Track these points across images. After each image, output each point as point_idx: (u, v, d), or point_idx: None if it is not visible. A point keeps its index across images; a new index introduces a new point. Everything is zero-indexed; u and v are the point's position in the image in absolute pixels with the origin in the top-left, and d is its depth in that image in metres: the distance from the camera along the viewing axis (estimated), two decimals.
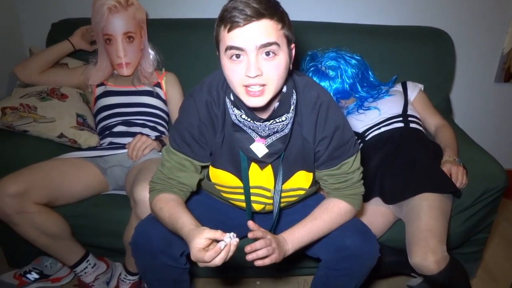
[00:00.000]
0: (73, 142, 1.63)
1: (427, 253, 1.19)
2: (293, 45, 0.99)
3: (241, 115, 1.04)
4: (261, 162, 1.12)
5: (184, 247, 1.13)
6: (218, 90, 1.07)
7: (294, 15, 1.94)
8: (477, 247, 1.61)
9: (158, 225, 1.11)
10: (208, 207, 1.25)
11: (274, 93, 0.96)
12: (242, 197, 1.18)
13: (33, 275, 1.56)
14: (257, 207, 1.20)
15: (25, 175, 1.35)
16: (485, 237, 1.59)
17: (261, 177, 1.15)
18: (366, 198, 1.40)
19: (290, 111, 1.05)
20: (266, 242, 0.99)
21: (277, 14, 0.91)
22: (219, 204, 1.28)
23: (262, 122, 1.03)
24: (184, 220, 0.99)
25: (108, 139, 1.61)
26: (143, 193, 1.28)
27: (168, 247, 1.11)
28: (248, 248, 0.97)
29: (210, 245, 0.91)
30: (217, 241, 0.90)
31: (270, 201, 1.18)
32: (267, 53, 0.91)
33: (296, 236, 1.09)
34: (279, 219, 1.25)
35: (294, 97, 1.05)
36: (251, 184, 1.15)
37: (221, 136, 1.10)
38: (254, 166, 1.13)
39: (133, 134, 1.59)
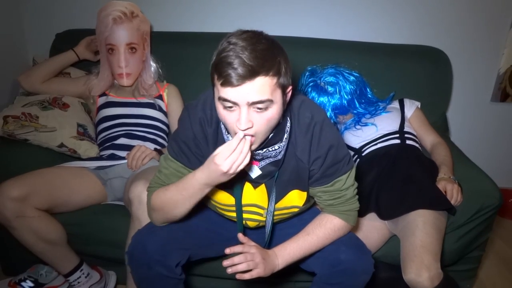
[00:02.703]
0: (72, 152, 1.64)
1: (421, 270, 1.20)
2: (289, 89, 0.97)
3: None
4: (255, 182, 1.13)
5: (180, 258, 1.14)
6: (211, 109, 1.07)
7: (295, 32, 2.00)
8: (472, 265, 1.61)
9: (154, 235, 1.12)
10: (205, 218, 1.26)
11: (262, 141, 0.99)
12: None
13: (28, 283, 1.55)
14: (251, 224, 1.21)
15: (28, 179, 1.36)
16: (479, 255, 1.60)
17: (255, 196, 1.16)
18: (362, 213, 1.41)
19: (284, 139, 1.06)
20: (246, 257, 1.00)
21: (273, 67, 0.89)
22: (216, 216, 1.29)
23: (256, 150, 1.04)
24: (187, 176, 1.03)
25: (110, 151, 1.63)
26: (137, 190, 1.29)
27: (164, 257, 1.11)
28: (225, 263, 0.99)
29: None
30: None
31: (264, 218, 1.19)
32: (259, 108, 0.91)
33: (288, 252, 1.09)
34: (274, 231, 1.26)
35: (289, 124, 1.06)
36: (245, 202, 1.16)
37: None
38: (247, 185, 1.15)
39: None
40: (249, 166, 1.08)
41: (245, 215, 1.18)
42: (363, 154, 1.63)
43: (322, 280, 1.15)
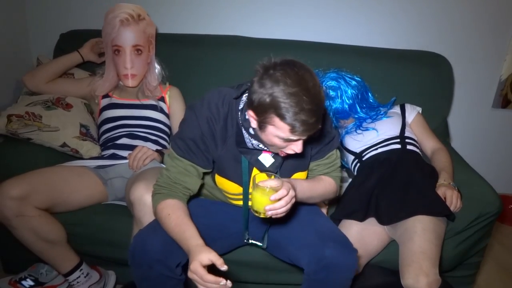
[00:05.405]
0: (75, 152, 1.65)
1: (419, 276, 1.20)
2: None
3: (258, 145, 1.15)
4: (268, 172, 1.18)
5: (180, 258, 1.15)
6: (218, 107, 1.16)
7: (297, 35, 2.01)
8: (470, 271, 1.62)
9: (156, 235, 1.14)
10: (206, 216, 1.28)
11: None
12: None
13: (28, 282, 1.56)
14: None
15: (28, 179, 1.36)
16: (478, 261, 1.60)
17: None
18: (361, 218, 1.42)
19: None
20: (287, 201, 1.05)
21: (323, 112, 1.05)
22: (218, 211, 1.32)
23: None
24: (192, 233, 1.08)
25: (111, 151, 1.63)
26: (139, 192, 1.31)
27: (165, 257, 1.13)
28: (268, 207, 1.03)
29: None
30: (214, 267, 0.99)
31: None
32: None
33: (300, 182, 1.19)
34: (271, 231, 1.30)
35: None
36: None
37: (223, 149, 1.18)
38: (262, 176, 1.19)
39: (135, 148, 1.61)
40: (262, 156, 1.19)
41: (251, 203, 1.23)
42: (363, 159, 1.63)
43: (310, 277, 1.17)
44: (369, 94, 1.81)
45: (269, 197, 1.02)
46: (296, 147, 1.06)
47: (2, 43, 1.93)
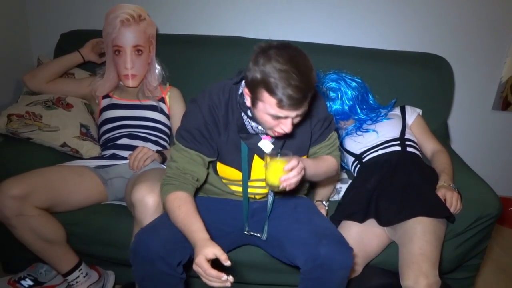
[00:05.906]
0: (75, 151, 1.65)
1: (419, 277, 1.20)
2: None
3: (257, 127, 1.20)
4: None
5: (182, 257, 1.17)
6: (219, 96, 1.23)
7: (298, 37, 2.01)
8: (470, 273, 1.62)
9: (158, 233, 1.15)
10: (206, 212, 1.29)
11: None
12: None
13: (27, 282, 1.56)
14: (258, 196, 1.34)
15: (28, 178, 1.36)
16: (478, 263, 1.60)
17: (264, 171, 1.21)
18: (361, 219, 1.42)
19: None
20: (298, 171, 1.10)
21: (311, 92, 1.07)
22: (217, 210, 1.33)
23: None
24: (199, 227, 1.12)
25: (112, 151, 1.64)
26: (140, 194, 1.31)
27: (167, 255, 1.14)
28: (282, 178, 1.08)
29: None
30: (218, 261, 1.02)
31: (267, 190, 1.30)
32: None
33: (306, 160, 1.23)
34: (269, 222, 1.31)
35: None
36: (254, 177, 1.29)
37: (225, 136, 1.22)
38: (259, 161, 1.27)
39: (135, 148, 1.61)
40: (262, 142, 1.24)
41: (252, 190, 1.31)
42: (363, 160, 1.63)
43: (305, 276, 1.18)
44: (370, 95, 1.81)
45: (282, 168, 1.07)
46: (285, 127, 1.09)
47: (3, 43, 1.93)
